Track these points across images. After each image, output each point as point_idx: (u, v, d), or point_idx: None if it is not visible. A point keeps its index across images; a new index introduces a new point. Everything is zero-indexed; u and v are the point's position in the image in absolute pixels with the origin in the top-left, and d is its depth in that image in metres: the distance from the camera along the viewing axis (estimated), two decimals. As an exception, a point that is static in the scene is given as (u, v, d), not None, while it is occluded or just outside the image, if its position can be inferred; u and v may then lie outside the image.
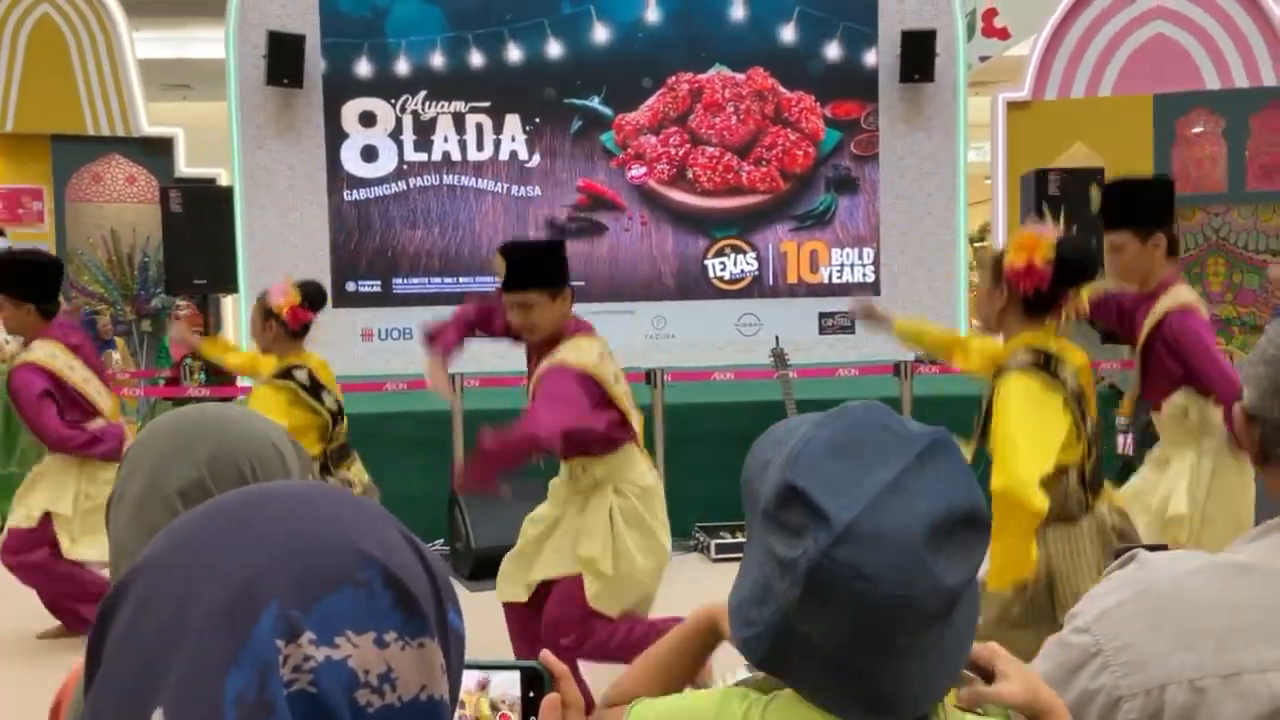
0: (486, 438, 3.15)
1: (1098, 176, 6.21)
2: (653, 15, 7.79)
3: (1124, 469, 5.45)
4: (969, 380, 3.44)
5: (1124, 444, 6.30)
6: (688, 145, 7.86)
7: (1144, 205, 3.45)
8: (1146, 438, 4.71)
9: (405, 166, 7.73)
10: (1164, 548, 1.35)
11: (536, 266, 3.37)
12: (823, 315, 7.84)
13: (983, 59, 7.70)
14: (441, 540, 5.80)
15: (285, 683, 0.56)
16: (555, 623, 3.43)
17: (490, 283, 7.78)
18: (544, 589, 3.51)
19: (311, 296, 3.99)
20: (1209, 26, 7.53)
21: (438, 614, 0.63)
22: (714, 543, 5.83)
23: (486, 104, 7.73)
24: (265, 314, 3.96)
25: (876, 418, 0.98)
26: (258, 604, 0.57)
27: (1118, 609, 1.09)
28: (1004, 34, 7.58)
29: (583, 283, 7.83)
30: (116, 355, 8.66)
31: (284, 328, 3.95)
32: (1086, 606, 1.12)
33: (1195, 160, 7.42)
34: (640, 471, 3.48)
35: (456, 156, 7.75)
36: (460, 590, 5.26)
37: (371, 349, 7.62)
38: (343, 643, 0.57)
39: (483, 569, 5.31)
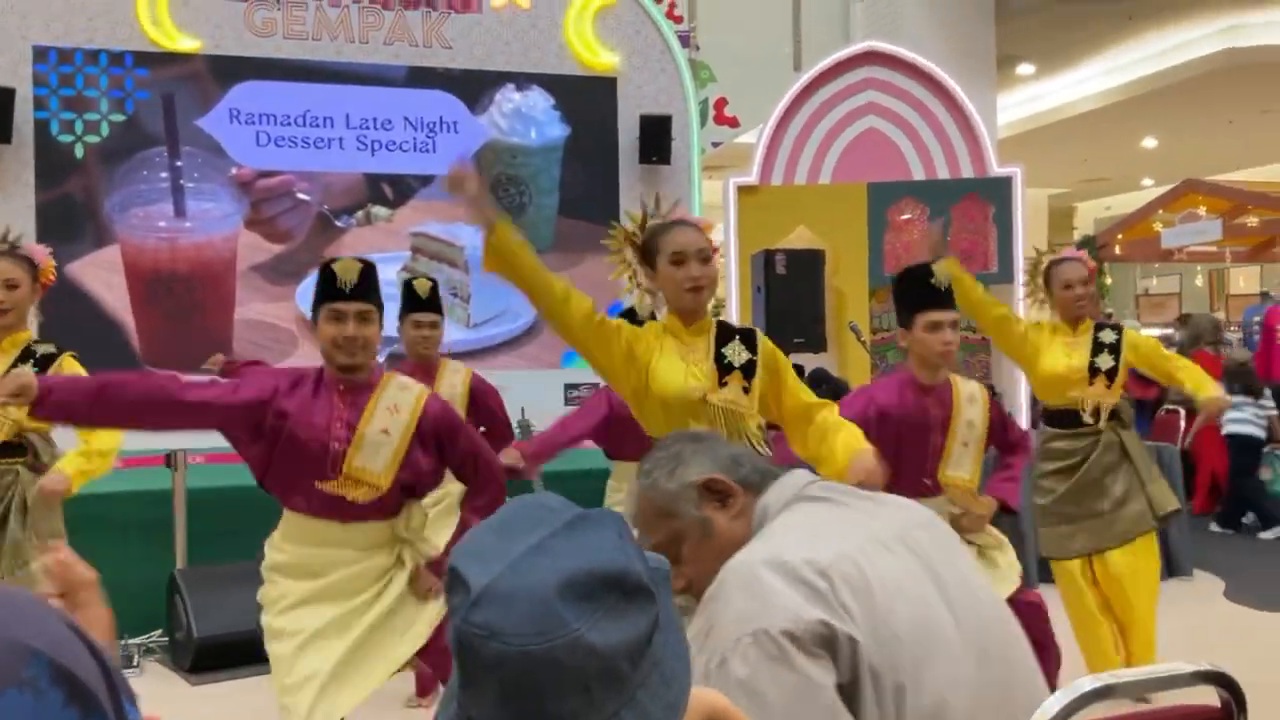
0: None
1: (820, 258, 6.62)
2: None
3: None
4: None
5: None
6: (430, 216, 7.80)
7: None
8: None
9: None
10: None
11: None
12: (568, 386, 7.91)
13: (715, 145, 8.09)
14: (160, 630, 5.35)
15: None
16: None
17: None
18: None
19: None
20: (915, 123, 8.24)
21: (114, 706, 0.58)
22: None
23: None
24: None
25: (541, 499, 0.98)
26: None
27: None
28: (734, 122, 7.99)
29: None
30: None
31: None
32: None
33: (904, 244, 8.04)
34: None
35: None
36: (181, 685, 4.89)
37: (82, 424, 7.04)
38: None
39: (206, 660, 4.95)
